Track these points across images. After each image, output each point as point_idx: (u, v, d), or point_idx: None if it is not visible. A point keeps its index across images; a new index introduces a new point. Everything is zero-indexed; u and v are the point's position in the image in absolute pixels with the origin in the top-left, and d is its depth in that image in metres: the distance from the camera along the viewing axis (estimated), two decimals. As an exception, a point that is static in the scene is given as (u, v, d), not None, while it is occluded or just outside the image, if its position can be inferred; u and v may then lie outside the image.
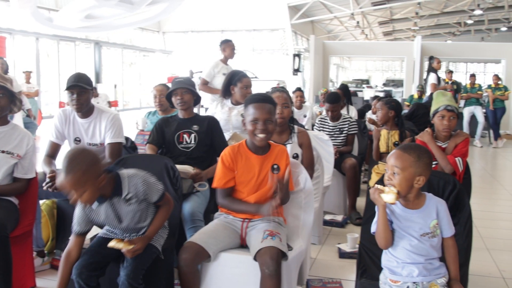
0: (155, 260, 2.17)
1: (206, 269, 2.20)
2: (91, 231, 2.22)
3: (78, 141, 3.08)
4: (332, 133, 4.38)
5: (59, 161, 2.37)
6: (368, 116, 6.18)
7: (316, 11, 20.13)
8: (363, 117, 6.36)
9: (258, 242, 2.10)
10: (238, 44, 5.58)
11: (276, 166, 2.30)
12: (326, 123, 4.47)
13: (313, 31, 21.22)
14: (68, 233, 2.15)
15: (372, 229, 1.95)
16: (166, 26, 21.92)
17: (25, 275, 2.59)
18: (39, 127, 8.66)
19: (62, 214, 3.08)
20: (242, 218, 2.32)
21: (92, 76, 13.72)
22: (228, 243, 2.24)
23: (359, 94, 13.79)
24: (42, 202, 3.03)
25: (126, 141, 3.34)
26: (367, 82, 22.12)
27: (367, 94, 15.09)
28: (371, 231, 1.96)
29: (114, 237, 2.17)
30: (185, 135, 3.03)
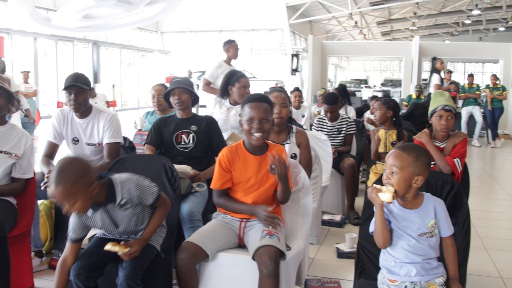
0: (154, 260, 2.16)
1: (204, 269, 2.20)
2: (90, 232, 2.21)
3: (76, 141, 3.07)
4: (330, 133, 4.38)
5: (57, 161, 2.37)
6: (366, 116, 6.18)
7: (314, 11, 20.15)
8: (361, 116, 6.37)
9: (257, 241, 2.10)
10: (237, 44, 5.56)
11: (274, 166, 2.30)
12: (325, 123, 4.48)
13: (311, 31, 21.24)
14: (66, 233, 2.14)
15: (370, 228, 1.96)
16: (164, 26, 21.94)
17: (23, 275, 2.59)
18: (37, 127, 8.66)
19: (60, 214, 3.06)
20: (240, 218, 2.31)
21: (90, 76, 13.66)
22: (226, 243, 2.24)
23: (357, 94, 13.82)
24: (40, 202, 3.02)
25: (124, 141, 3.33)
26: (365, 82, 22.20)
27: (365, 94, 15.14)
28: (369, 231, 1.96)
29: (112, 237, 2.17)
30: (183, 135, 3.02)
